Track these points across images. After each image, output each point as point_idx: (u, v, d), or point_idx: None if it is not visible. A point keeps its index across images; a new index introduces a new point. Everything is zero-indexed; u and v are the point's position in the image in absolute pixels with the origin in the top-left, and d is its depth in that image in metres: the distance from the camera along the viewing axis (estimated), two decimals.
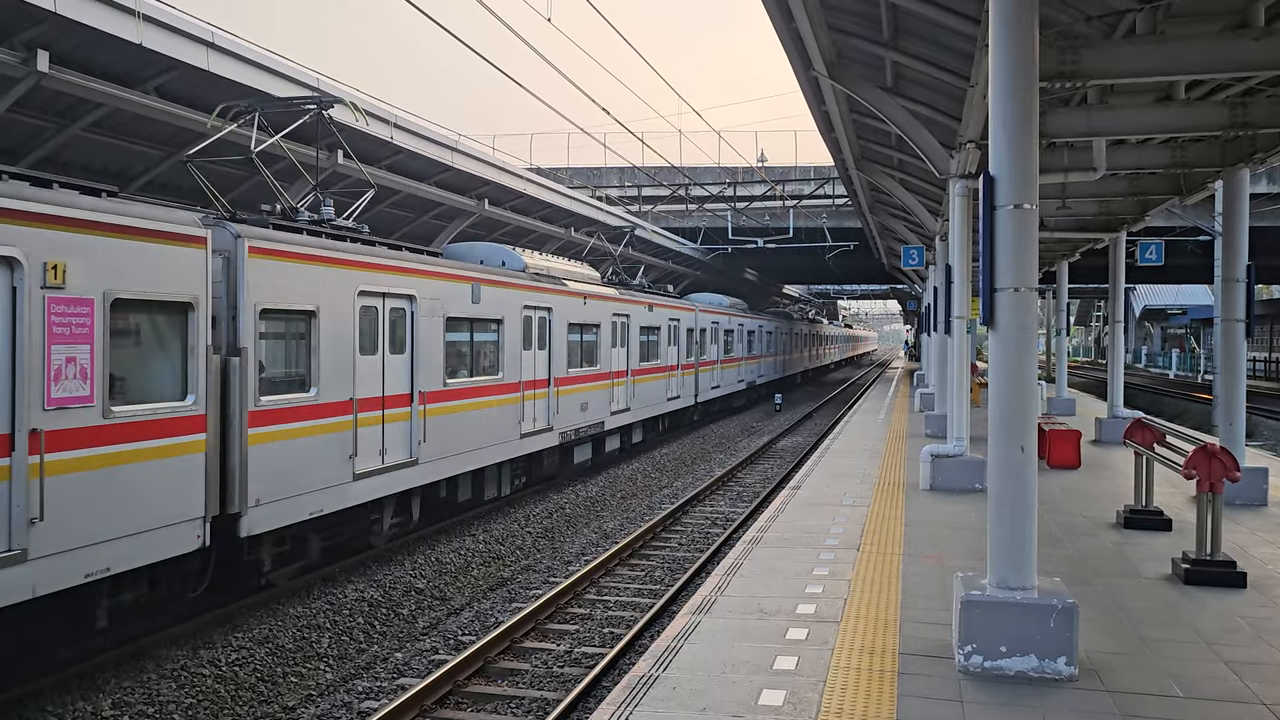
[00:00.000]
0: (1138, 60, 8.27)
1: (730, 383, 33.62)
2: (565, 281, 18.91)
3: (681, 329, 28.62)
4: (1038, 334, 6.90)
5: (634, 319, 22.64)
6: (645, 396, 24.19)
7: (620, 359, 23.24)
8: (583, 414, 19.56)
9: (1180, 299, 73.05)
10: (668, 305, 27.64)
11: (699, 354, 30.85)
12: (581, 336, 19.85)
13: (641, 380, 23.72)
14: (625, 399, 22.07)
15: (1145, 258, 19.57)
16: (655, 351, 25.76)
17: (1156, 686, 6.13)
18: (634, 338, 22.32)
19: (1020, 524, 6.40)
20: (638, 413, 23.34)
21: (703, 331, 32.05)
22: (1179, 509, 11.49)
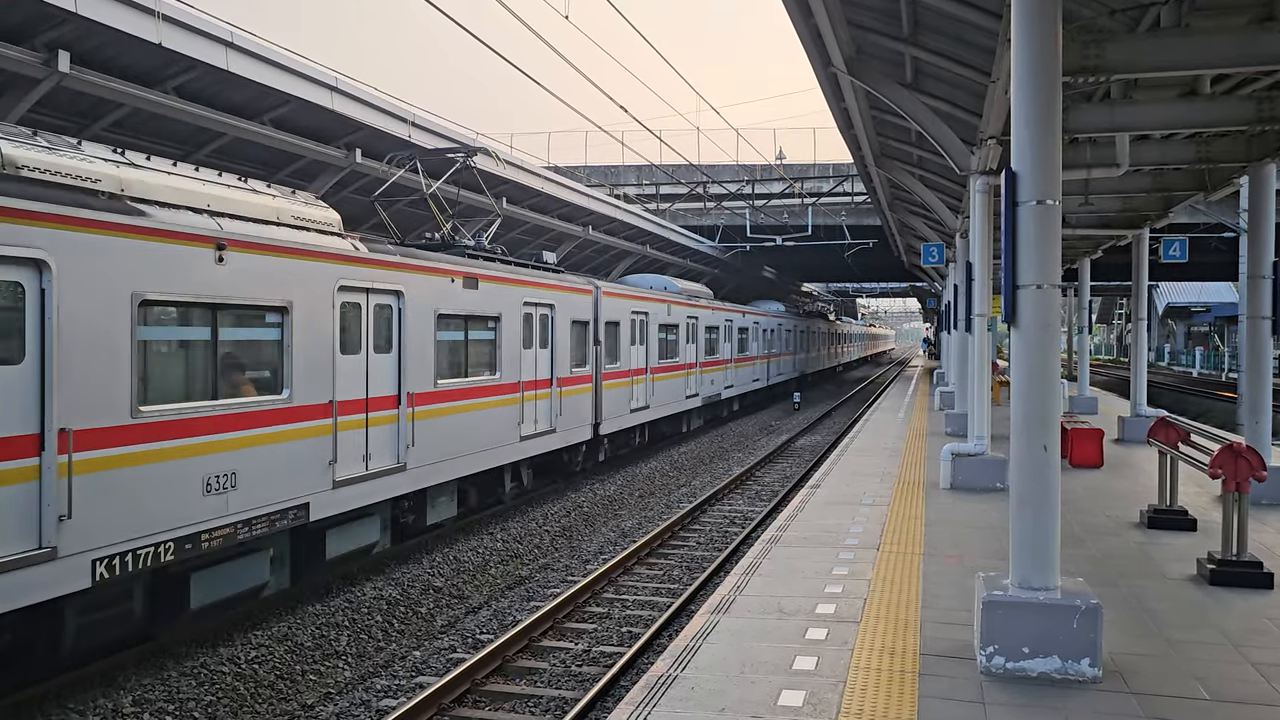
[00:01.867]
0: (1162, 54, 8.17)
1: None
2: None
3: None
4: (1060, 332, 6.82)
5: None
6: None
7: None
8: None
9: (1204, 296, 72.30)
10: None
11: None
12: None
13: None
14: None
15: (1169, 255, 19.37)
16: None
17: (1182, 689, 6.06)
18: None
19: (1043, 523, 6.34)
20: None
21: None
22: (1204, 509, 11.37)
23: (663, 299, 23.43)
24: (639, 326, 21.60)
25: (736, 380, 31.58)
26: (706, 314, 27.28)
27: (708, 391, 27.59)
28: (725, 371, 29.92)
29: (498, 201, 20.71)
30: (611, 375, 19.73)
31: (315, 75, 13.19)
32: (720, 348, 29.20)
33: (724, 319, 29.75)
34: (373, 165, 15.83)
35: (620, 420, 20.35)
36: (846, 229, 35.26)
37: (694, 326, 25.87)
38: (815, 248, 36.20)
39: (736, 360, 31.50)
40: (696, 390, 26.34)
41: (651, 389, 22.53)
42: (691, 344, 25.63)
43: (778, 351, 39.10)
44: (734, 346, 31.02)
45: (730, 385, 30.76)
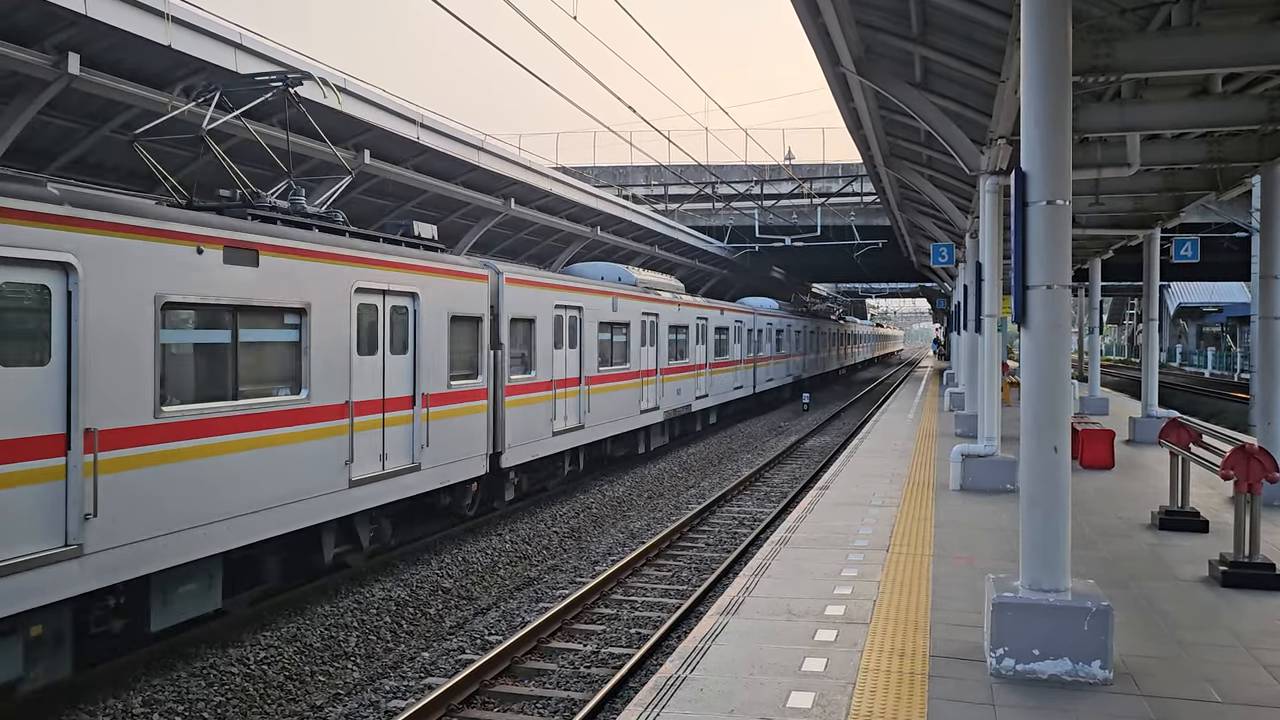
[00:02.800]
0: (1173, 53, 8.13)
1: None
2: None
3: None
4: (1070, 332, 6.79)
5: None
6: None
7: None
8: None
9: (1216, 296, 71.98)
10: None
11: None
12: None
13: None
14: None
15: (1180, 254, 19.25)
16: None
17: (1194, 691, 6.02)
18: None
19: (1053, 525, 6.31)
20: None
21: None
22: (1216, 510, 11.30)
23: (606, 290, 18.82)
24: (569, 324, 17.24)
25: (713, 388, 27.39)
26: (670, 310, 23.01)
27: (673, 403, 23.29)
28: (697, 379, 25.77)
29: (505, 202, 20.72)
30: (523, 389, 15.20)
31: (323, 76, 13.21)
32: (691, 350, 25.12)
33: (695, 316, 25.51)
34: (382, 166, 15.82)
35: (535, 446, 15.72)
36: (856, 229, 35.19)
37: (653, 325, 21.70)
38: (824, 248, 36.14)
39: (713, 365, 27.35)
40: (656, 402, 21.89)
41: (587, 403, 17.84)
42: (650, 346, 21.42)
43: (768, 354, 35.18)
44: (710, 349, 26.99)
45: (703, 394, 26.44)
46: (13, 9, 9.50)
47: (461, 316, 13.39)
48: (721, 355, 28.40)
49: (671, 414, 23.23)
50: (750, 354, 32.24)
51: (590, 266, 20.92)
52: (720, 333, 28.21)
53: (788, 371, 39.48)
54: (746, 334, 31.70)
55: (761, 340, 33.92)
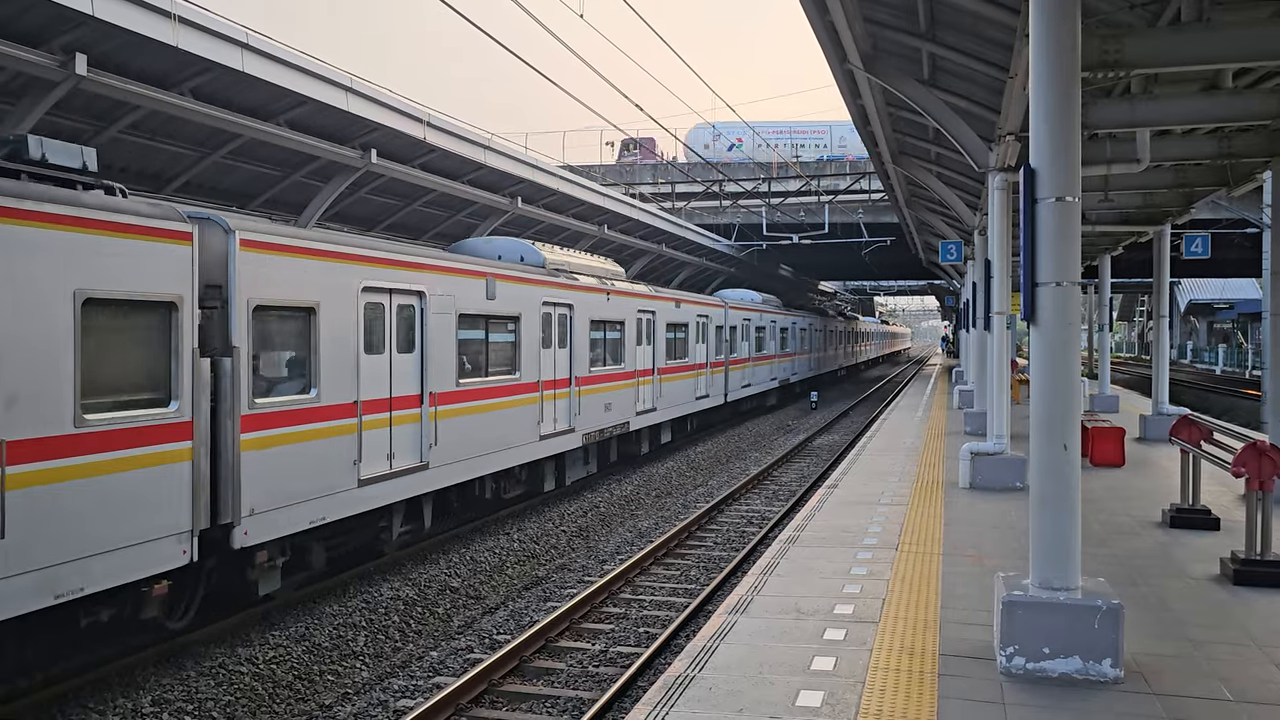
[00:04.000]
0: (1183, 48, 8.07)
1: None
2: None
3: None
4: (1080, 329, 6.76)
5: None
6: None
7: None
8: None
9: (1227, 293, 71.67)
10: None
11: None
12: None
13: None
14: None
15: (1191, 251, 19.16)
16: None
17: (1205, 690, 5.99)
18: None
19: (1063, 523, 6.28)
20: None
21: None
22: (1227, 508, 11.24)
23: (475, 270, 13.53)
24: (395, 319, 11.68)
25: (664, 399, 22.26)
26: (593, 301, 17.91)
27: (597, 421, 18.14)
28: (640, 388, 20.54)
29: (511, 201, 20.72)
30: (288, 418, 9.83)
31: (330, 76, 13.22)
32: (630, 353, 19.87)
33: (636, 309, 20.37)
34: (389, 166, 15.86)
35: (317, 505, 10.21)
36: (864, 227, 35.09)
37: (564, 320, 16.80)
38: (832, 246, 36.04)
39: (665, 370, 22.29)
40: (569, 423, 16.85)
41: (433, 432, 12.30)
42: (561, 349, 16.58)
43: (745, 356, 30.51)
44: (658, 350, 21.80)
45: (648, 408, 21.23)
46: (20, 10, 9.52)
47: (121, 300, 8.04)
48: (678, 357, 23.39)
49: (597, 436, 18.15)
50: (721, 355, 27.59)
51: (485, 242, 16.45)
52: (675, 330, 23.24)
53: (772, 375, 34.63)
54: (715, 331, 26.84)
55: (737, 339, 29.41)
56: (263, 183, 15.31)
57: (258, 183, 15.24)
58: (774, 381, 35.13)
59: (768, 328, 33.64)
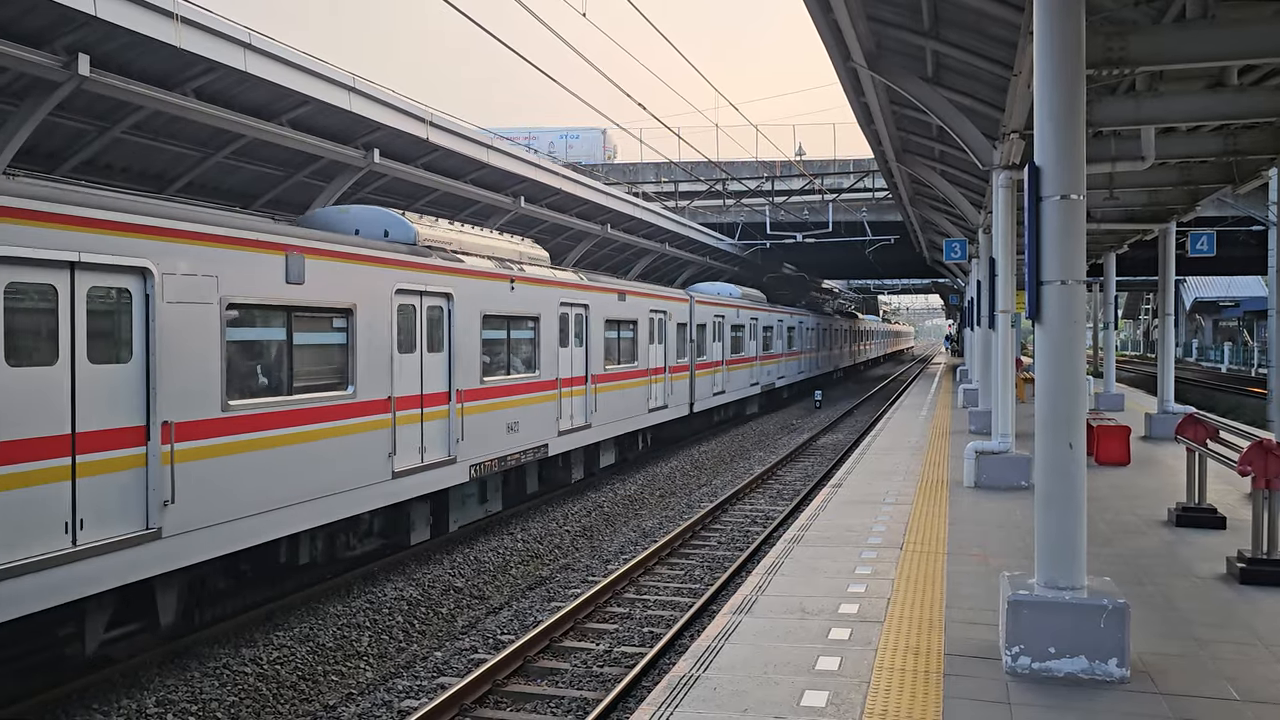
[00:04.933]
0: (1188, 45, 8.05)
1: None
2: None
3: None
4: (1085, 328, 6.73)
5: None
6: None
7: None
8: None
9: (1233, 291, 71.53)
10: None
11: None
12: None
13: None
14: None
15: (1196, 249, 19.10)
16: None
17: (1212, 689, 5.96)
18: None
19: (1069, 522, 6.26)
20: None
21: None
22: (1233, 506, 11.21)
23: (280, 243, 9.84)
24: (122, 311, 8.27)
25: (600, 413, 18.03)
26: (493, 290, 13.96)
27: (496, 446, 14.00)
28: (563, 401, 16.46)
29: (515, 200, 20.71)
30: None
31: (333, 76, 13.21)
32: (547, 358, 15.88)
33: (560, 301, 16.31)
34: (392, 165, 15.85)
35: None
36: (867, 225, 35.03)
37: (443, 315, 12.82)
38: (836, 244, 35.96)
39: (603, 377, 18.13)
40: (446, 449, 12.74)
41: (175, 481, 8.48)
42: (433, 353, 12.52)
43: (716, 359, 26.69)
44: (593, 354, 17.76)
45: (578, 425, 16.97)
46: (23, 11, 9.51)
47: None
48: (621, 361, 19.41)
49: (493, 467, 13.90)
50: (685, 358, 23.81)
51: (340, 213, 12.76)
52: (619, 328, 19.27)
53: (752, 380, 30.61)
54: (678, 330, 23.09)
55: (707, 339, 25.63)
56: (265, 183, 15.30)
57: (260, 183, 15.23)
58: (755, 387, 31.26)
59: (747, 326, 30.06)
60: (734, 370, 28.54)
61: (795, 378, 38.37)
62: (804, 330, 40.17)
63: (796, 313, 38.91)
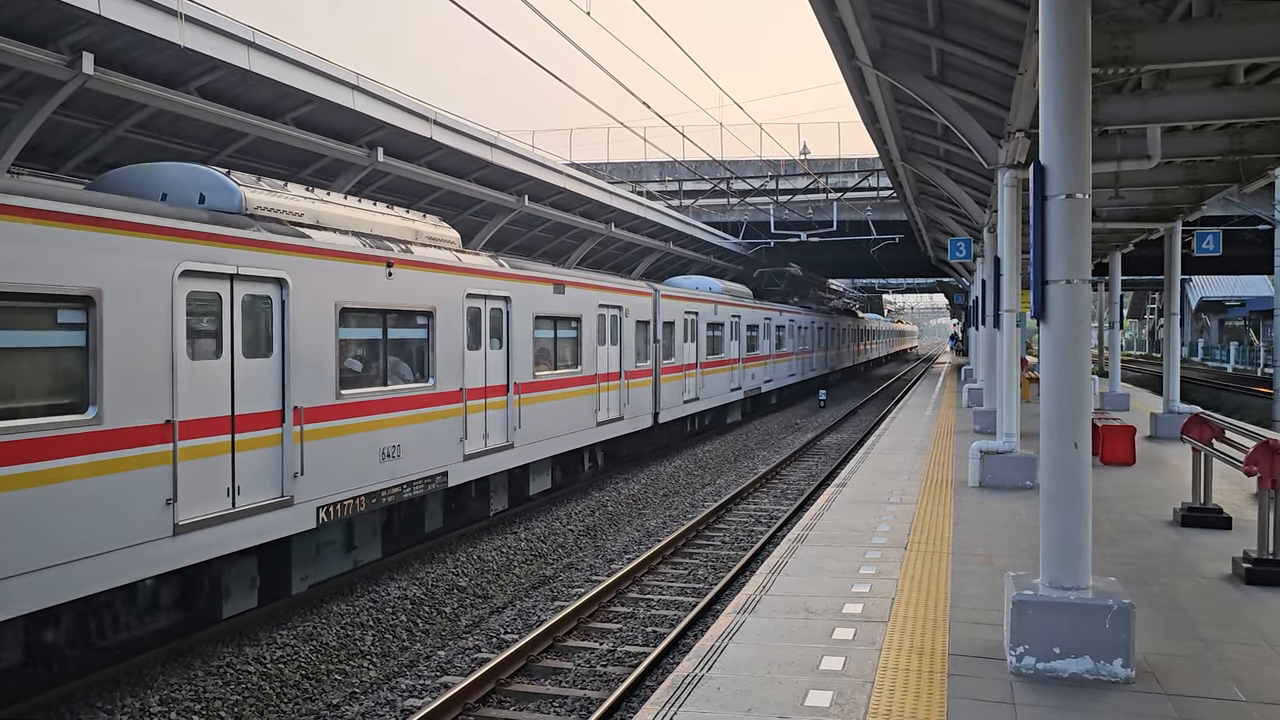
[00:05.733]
0: (1194, 44, 8.02)
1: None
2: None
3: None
4: (1090, 327, 6.71)
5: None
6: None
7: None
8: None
9: (1239, 290, 71.41)
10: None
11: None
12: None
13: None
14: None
15: (1202, 248, 19.05)
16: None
17: (1217, 690, 5.94)
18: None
19: (1074, 522, 6.23)
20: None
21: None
22: (1239, 506, 11.17)
23: None
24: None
25: (525, 430, 14.65)
26: (362, 277, 10.98)
27: (354, 482, 10.73)
28: (470, 418, 13.02)
29: (518, 199, 20.70)
30: None
31: (336, 74, 13.22)
32: (443, 363, 12.47)
33: (466, 293, 13.02)
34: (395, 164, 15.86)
35: None
36: (872, 224, 35.00)
37: (271, 309, 9.77)
38: (841, 243, 35.93)
39: (532, 386, 14.94)
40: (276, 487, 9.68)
41: None
42: (260, 358, 9.57)
43: (689, 361, 23.58)
44: (516, 357, 14.41)
45: (494, 446, 13.71)
46: (28, 10, 9.53)
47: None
48: (560, 366, 16.31)
49: (356, 505, 10.67)
50: (646, 361, 20.54)
51: (144, 173, 9.86)
52: (556, 326, 16.14)
53: (733, 384, 27.78)
54: (637, 329, 19.89)
55: (675, 339, 22.56)
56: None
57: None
58: (736, 393, 28.07)
59: (728, 324, 27.15)
60: (711, 374, 25.61)
61: (785, 381, 35.61)
62: (796, 329, 37.38)
63: (787, 310, 36.19)
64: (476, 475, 13.44)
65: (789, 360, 35.86)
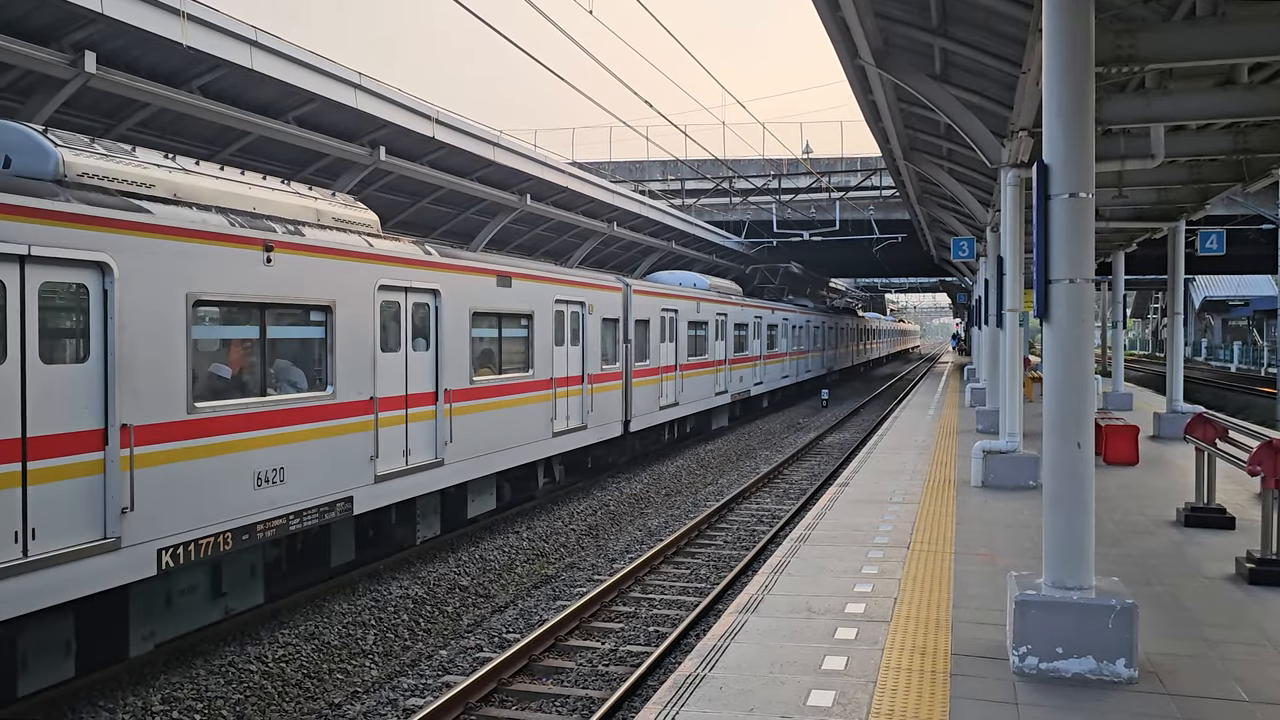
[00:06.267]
0: (1198, 43, 8.01)
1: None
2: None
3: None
4: (1094, 327, 6.69)
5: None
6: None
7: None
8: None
9: (1242, 290, 71.34)
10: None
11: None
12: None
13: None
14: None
15: (1205, 247, 19.01)
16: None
17: (1220, 690, 5.92)
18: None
19: (1077, 522, 6.22)
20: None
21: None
22: (1242, 506, 11.15)
23: None
24: None
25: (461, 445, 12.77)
26: (226, 263, 8.88)
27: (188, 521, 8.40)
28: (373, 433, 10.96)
29: (520, 198, 20.69)
30: None
31: (339, 73, 13.22)
32: (343, 369, 10.52)
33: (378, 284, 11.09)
34: (398, 163, 15.86)
35: None
36: (875, 223, 34.98)
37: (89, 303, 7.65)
38: (843, 242, 35.92)
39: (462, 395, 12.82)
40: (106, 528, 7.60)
41: None
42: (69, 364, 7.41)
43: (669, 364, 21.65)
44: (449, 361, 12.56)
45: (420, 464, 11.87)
46: (31, 8, 9.53)
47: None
48: (506, 369, 14.16)
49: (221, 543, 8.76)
50: (615, 363, 18.41)
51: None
52: (502, 324, 14.08)
53: (718, 387, 26.14)
54: (603, 327, 17.79)
55: (650, 339, 20.43)
56: None
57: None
58: (722, 396, 26.43)
59: (712, 322, 25.37)
60: (693, 377, 23.63)
61: (778, 383, 33.67)
62: (790, 328, 35.37)
63: (780, 308, 34.30)
64: (393, 499, 11.43)
65: (782, 361, 34.19)
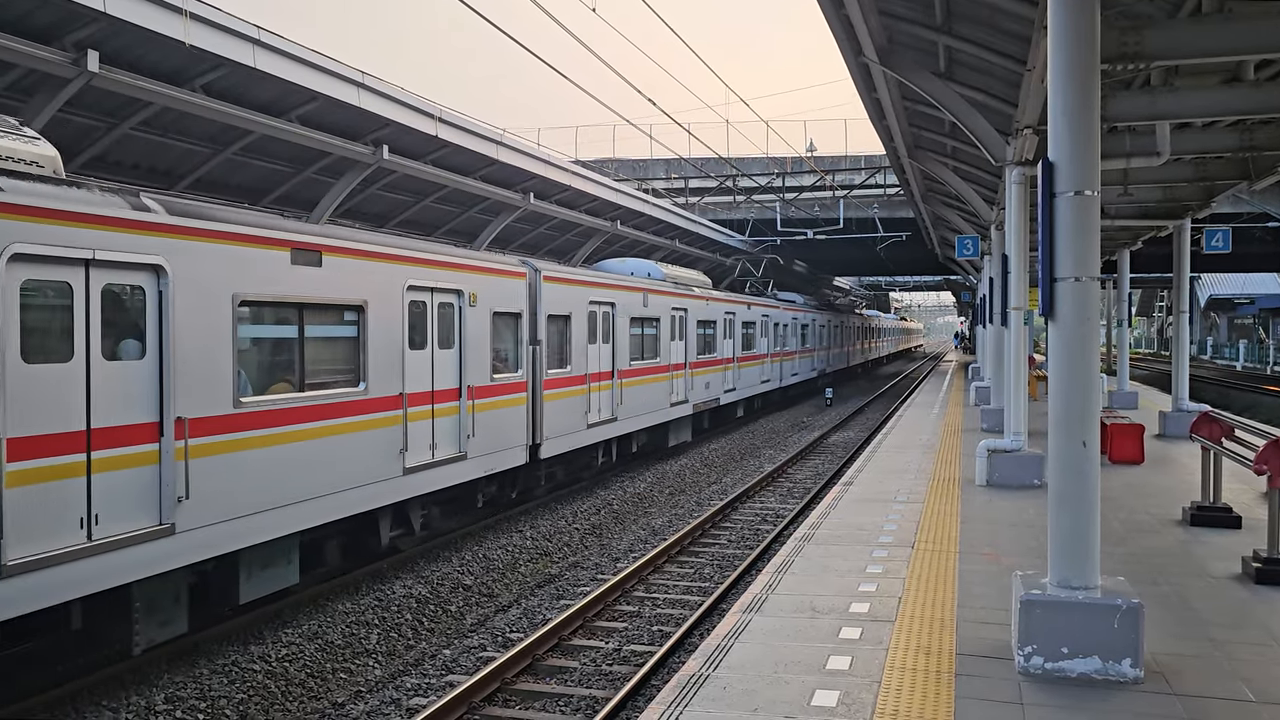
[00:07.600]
0: (1204, 40, 7.96)
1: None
2: None
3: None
4: (1099, 325, 6.66)
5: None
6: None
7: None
8: None
9: (1248, 288, 71.14)
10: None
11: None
12: None
13: None
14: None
15: (1211, 245, 18.94)
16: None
17: (1226, 690, 5.89)
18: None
19: (1082, 521, 6.19)
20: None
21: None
22: (1248, 505, 11.11)
23: None
24: None
25: (247, 497, 9.00)
26: None
27: None
28: (155, 467, 8.01)
29: (524, 197, 20.66)
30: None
31: (342, 72, 13.18)
32: (141, 390, 7.93)
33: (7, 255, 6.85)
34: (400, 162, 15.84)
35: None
36: (879, 222, 34.90)
37: None
38: (848, 241, 35.85)
39: (218, 427, 8.68)
40: None
41: None
42: None
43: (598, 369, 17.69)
44: (186, 372, 8.36)
45: (133, 531, 7.75)
46: (33, 7, 9.51)
47: None
48: (311, 384, 10.21)
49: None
50: (517, 371, 14.83)
51: None
52: (303, 320, 10.16)
53: (676, 396, 22.07)
54: (493, 324, 14.07)
55: (574, 339, 16.73)
56: (274, 179, 15.30)
57: (269, 179, 15.24)
58: (681, 407, 22.45)
59: (667, 319, 21.51)
60: (638, 385, 19.69)
61: (757, 388, 29.71)
62: (771, 326, 31.37)
63: (758, 303, 30.06)
64: (81, 592, 7.44)
65: (761, 364, 30.21)
